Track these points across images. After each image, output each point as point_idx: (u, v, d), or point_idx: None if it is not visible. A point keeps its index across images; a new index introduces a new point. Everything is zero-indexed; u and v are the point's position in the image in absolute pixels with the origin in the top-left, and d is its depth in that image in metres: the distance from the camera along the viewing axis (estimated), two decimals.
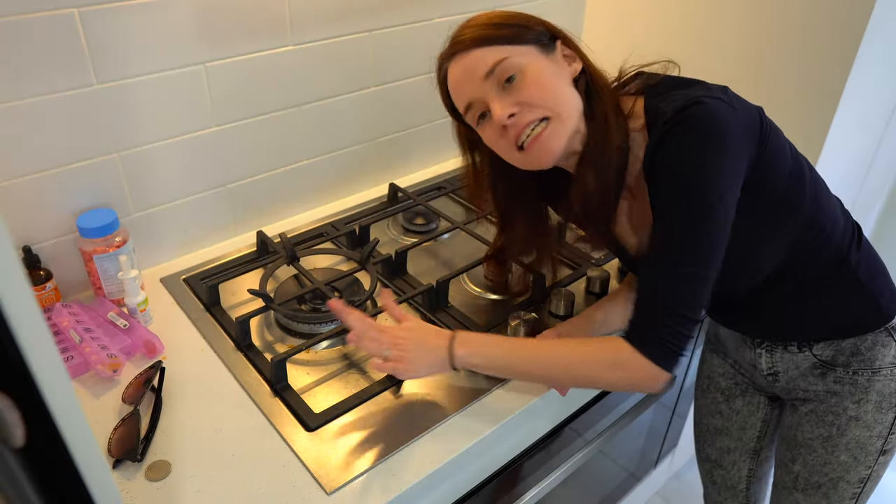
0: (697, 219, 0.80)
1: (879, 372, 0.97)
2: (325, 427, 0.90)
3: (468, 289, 1.20)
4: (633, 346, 0.83)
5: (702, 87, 0.85)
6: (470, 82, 0.87)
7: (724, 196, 0.81)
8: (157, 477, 0.83)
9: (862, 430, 0.99)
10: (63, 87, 0.99)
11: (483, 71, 0.86)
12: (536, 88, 0.85)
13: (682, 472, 1.94)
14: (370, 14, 1.29)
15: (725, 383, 1.20)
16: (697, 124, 0.79)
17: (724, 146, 0.79)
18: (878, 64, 1.32)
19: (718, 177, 0.80)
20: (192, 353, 1.03)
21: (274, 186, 1.32)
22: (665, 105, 0.83)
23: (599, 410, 1.17)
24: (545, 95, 0.86)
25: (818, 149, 1.32)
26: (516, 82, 0.85)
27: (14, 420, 0.39)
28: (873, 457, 1.01)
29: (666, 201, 0.83)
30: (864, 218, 1.85)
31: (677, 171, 0.81)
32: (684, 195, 0.81)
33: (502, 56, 0.85)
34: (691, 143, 0.79)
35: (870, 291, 0.96)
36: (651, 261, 0.86)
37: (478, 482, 0.97)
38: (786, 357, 1.03)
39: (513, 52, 0.85)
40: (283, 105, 1.25)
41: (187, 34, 1.08)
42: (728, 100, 0.82)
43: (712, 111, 0.79)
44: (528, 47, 0.86)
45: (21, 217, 1.03)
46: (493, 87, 0.86)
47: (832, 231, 0.93)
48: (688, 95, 0.81)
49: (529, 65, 0.86)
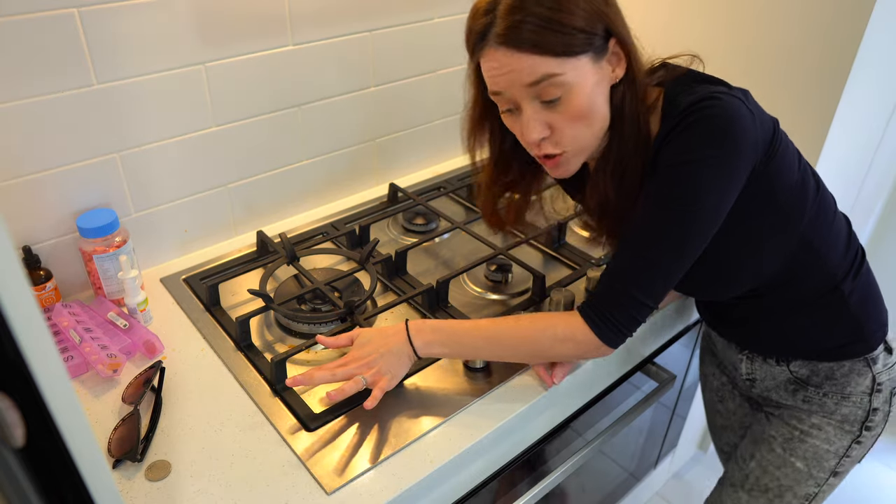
0: (685, 215, 0.80)
1: (849, 398, 0.99)
2: (325, 427, 0.90)
3: (468, 289, 1.20)
4: (587, 323, 0.85)
5: (724, 86, 0.83)
6: (508, 79, 0.79)
7: (718, 198, 0.80)
8: (157, 477, 0.83)
9: (822, 441, 1.01)
10: (63, 87, 0.99)
11: (527, 81, 0.78)
12: (575, 117, 0.80)
13: (682, 472, 1.94)
14: (370, 14, 1.29)
15: (716, 383, 1.22)
16: (710, 118, 0.77)
17: (731, 147, 0.78)
18: (878, 64, 1.32)
19: (718, 177, 0.79)
20: (192, 353, 1.03)
21: (274, 186, 1.32)
22: (683, 97, 0.80)
23: (599, 410, 1.17)
24: (579, 128, 0.81)
25: (818, 149, 1.32)
26: (558, 105, 0.80)
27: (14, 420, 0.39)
28: (825, 474, 1.03)
29: (660, 184, 0.81)
30: (864, 218, 1.85)
31: (679, 161, 0.79)
32: (679, 187, 0.79)
33: (553, 72, 0.76)
34: (700, 135, 0.78)
35: (857, 322, 0.96)
36: (628, 241, 0.85)
37: (478, 482, 0.97)
38: (764, 367, 1.04)
39: (565, 68, 0.76)
40: (283, 105, 1.25)
41: (187, 34, 1.08)
42: (747, 102, 0.80)
43: (728, 109, 0.77)
44: (581, 59, 0.77)
45: (21, 217, 1.03)
46: (531, 96, 0.80)
47: (827, 257, 0.92)
48: (707, 90, 0.80)
49: (576, 86, 0.78)
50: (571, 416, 1.10)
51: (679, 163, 0.79)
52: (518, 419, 0.95)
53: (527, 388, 0.97)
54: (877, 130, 1.54)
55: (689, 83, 0.84)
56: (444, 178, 1.55)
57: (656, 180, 0.82)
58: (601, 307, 0.85)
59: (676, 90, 0.83)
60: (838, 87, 1.26)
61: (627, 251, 0.85)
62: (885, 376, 0.99)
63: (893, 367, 0.99)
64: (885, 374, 0.99)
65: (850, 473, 1.10)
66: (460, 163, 1.61)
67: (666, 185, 0.81)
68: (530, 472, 1.09)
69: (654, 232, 0.82)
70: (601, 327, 0.85)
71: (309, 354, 1.04)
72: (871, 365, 0.97)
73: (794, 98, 1.32)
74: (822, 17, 1.24)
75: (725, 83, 0.85)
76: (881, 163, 1.68)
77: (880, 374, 0.98)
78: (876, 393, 0.98)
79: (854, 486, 1.92)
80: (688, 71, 0.87)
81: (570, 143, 0.83)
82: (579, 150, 0.85)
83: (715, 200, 0.80)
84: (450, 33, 1.43)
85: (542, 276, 1.15)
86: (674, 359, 1.32)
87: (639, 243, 0.83)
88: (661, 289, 0.84)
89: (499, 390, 0.97)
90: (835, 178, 1.47)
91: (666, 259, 0.82)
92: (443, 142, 1.58)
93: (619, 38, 0.80)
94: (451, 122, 1.57)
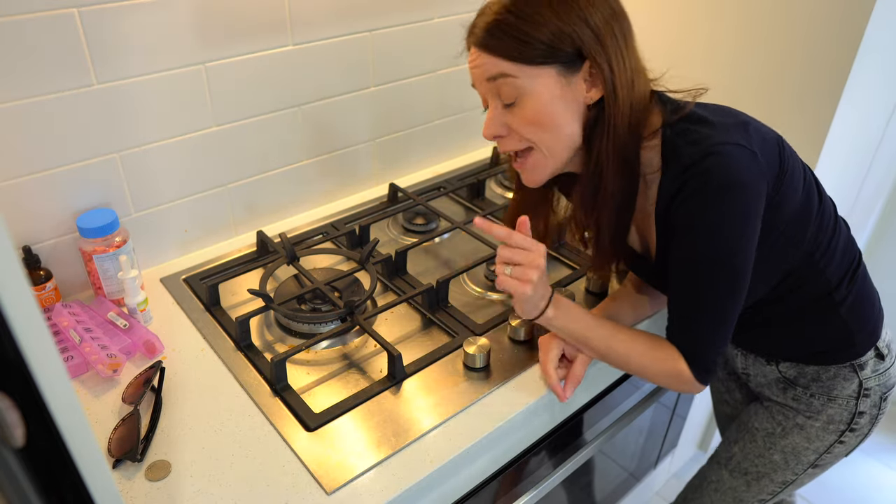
0: (726, 271, 0.83)
1: (835, 400, 1.01)
2: (325, 427, 0.90)
3: (468, 289, 1.20)
4: (691, 370, 0.89)
5: (721, 130, 0.81)
6: (476, 74, 0.85)
7: (748, 242, 0.82)
8: (157, 477, 0.83)
9: (802, 439, 1.05)
10: (63, 87, 0.99)
11: (486, 75, 0.83)
12: (529, 122, 0.83)
13: (682, 472, 1.94)
14: (370, 14, 1.29)
15: (721, 374, 1.26)
16: (715, 178, 0.78)
17: (742, 197, 0.79)
18: (878, 64, 1.32)
19: (740, 228, 0.80)
20: (192, 353, 1.03)
21: (274, 186, 1.32)
22: (682, 144, 0.81)
23: (599, 410, 1.17)
24: (535, 132, 0.84)
25: (818, 149, 1.32)
26: (514, 106, 0.83)
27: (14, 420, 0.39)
28: (802, 466, 1.08)
29: (691, 248, 0.83)
30: (864, 218, 1.85)
31: (701, 228, 0.81)
32: (711, 249, 0.82)
33: (507, 73, 0.81)
34: (711, 200, 0.79)
35: (847, 329, 0.97)
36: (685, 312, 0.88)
37: (478, 482, 0.97)
38: (757, 364, 1.08)
39: (522, 73, 0.80)
40: (283, 105, 1.25)
41: (187, 34, 1.08)
42: (748, 143, 0.80)
43: (730, 162, 0.78)
44: (542, 69, 0.80)
45: (21, 217, 1.03)
46: (493, 94, 0.85)
47: (826, 266, 0.94)
48: (707, 140, 0.80)
49: (533, 94, 0.81)
50: (571, 416, 1.10)
51: (701, 229, 0.81)
52: (518, 419, 0.95)
53: (526, 388, 0.98)
54: (877, 130, 1.54)
55: (685, 123, 0.84)
56: (444, 178, 1.55)
57: (685, 244, 0.84)
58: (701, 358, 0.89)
59: (674, 130, 0.83)
60: (838, 87, 1.26)
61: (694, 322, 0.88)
62: (873, 382, 1.00)
63: (884, 372, 1.00)
64: (873, 380, 0.99)
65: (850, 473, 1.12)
66: (460, 163, 1.61)
67: (698, 251, 0.83)
68: (530, 472, 1.09)
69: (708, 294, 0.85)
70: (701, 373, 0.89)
71: (309, 354, 1.04)
72: (857, 370, 0.99)
73: (794, 98, 1.32)
74: (822, 17, 1.24)
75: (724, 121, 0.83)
76: (881, 163, 1.68)
77: (868, 379, 0.99)
78: (863, 397, 1.00)
79: (854, 486, 1.92)
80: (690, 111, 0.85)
81: (530, 138, 0.85)
82: (549, 149, 0.85)
83: (746, 244, 0.82)
84: (450, 33, 1.43)
85: None
86: None
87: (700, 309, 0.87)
88: (731, 329, 0.88)
89: (499, 390, 0.97)
90: (835, 178, 1.47)
91: (727, 311, 0.86)
92: (443, 142, 1.58)
93: (595, 62, 0.80)
94: (451, 122, 1.57)
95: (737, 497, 1.15)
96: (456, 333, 1.07)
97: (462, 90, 1.53)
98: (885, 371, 1.00)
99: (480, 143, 1.66)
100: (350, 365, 1.02)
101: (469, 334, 1.06)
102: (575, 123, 0.84)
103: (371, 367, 1.02)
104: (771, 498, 1.14)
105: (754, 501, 1.15)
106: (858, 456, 2.00)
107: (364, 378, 1.00)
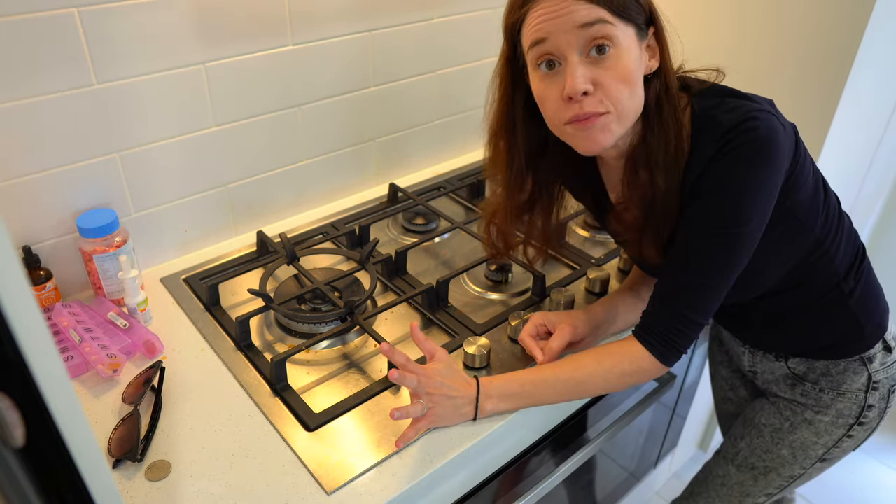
0: (730, 240, 0.82)
1: (845, 395, 1.01)
2: (325, 427, 0.90)
3: (468, 289, 1.20)
4: (650, 351, 0.88)
5: (756, 101, 0.83)
6: (557, 23, 0.77)
7: (761, 219, 0.82)
8: (157, 477, 0.83)
9: (811, 434, 1.05)
10: (63, 87, 0.99)
11: (580, 21, 0.76)
12: (621, 78, 0.78)
13: (682, 472, 1.94)
14: (370, 14, 1.29)
15: (726, 372, 1.26)
16: (755, 141, 0.78)
17: (774, 167, 0.79)
18: (878, 64, 1.32)
19: (762, 200, 0.80)
20: (192, 353, 1.03)
21: (274, 186, 1.32)
22: (719, 113, 0.81)
23: (599, 410, 1.17)
24: (623, 90, 0.79)
25: (818, 149, 1.32)
26: (606, 58, 0.77)
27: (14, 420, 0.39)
28: (811, 460, 1.07)
29: (706, 209, 0.82)
30: (864, 218, 1.85)
31: (727, 187, 0.80)
32: (726, 213, 0.81)
33: (607, 19, 0.76)
34: (748, 160, 0.78)
35: (856, 321, 0.97)
36: (674, 265, 0.87)
37: (478, 482, 0.97)
38: (764, 361, 1.08)
39: (617, 24, 0.77)
40: (283, 105, 1.25)
41: (187, 34, 1.08)
42: (778, 117, 0.81)
43: (770, 129, 0.78)
44: (629, 26, 0.79)
45: (21, 217, 1.03)
46: (579, 45, 0.77)
47: (835, 255, 0.93)
48: (744, 107, 0.80)
49: (626, 47, 0.78)
50: (571, 417, 1.10)
51: (727, 189, 0.80)
52: (518, 419, 0.95)
53: None
54: (877, 130, 1.54)
55: (717, 96, 0.84)
56: (444, 177, 1.54)
57: (702, 204, 0.82)
58: (661, 333, 0.87)
59: (706, 103, 0.83)
60: (838, 87, 1.26)
61: (678, 275, 0.86)
62: (881, 374, 1.00)
63: (892, 365, 1.00)
64: (882, 373, 1.00)
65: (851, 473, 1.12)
66: (460, 163, 1.61)
67: (713, 211, 0.82)
68: (530, 472, 1.09)
69: (703, 256, 0.84)
70: (664, 352, 0.88)
71: (309, 354, 1.04)
72: (866, 364, 0.99)
73: (795, 98, 1.32)
74: (822, 17, 1.24)
75: (751, 96, 0.84)
76: (881, 162, 1.68)
77: (877, 372, 0.99)
78: (872, 390, 1.00)
79: (854, 486, 1.92)
80: (712, 84, 0.86)
81: (616, 99, 0.79)
82: (622, 114, 0.80)
83: (759, 221, 0.82)
84: (449, 33, 1.43)
85: (542, 276, 1.15)
86: None
87: (688, 267, 0.85)
88: (713, 306, 0.87)
89: None
90: (835, 177, 1.47)
91: (714, 281, 0.84)
92: (443, 142, 1.58)
93: (658, 29, 0.82)
94: (451, 122, 1.57)
95: (744, 491, 1.16)
96: (456, 333, 1.07)
97: (462, 90, 1.53)
98: (893, 363, 1.00)
99: (480, 143, 1.65)
100: (350, 365, 1.02)
101: (469, 334, 1.06)
102: (642, 86, 0.82)
103: (371, 367, 1.02)
104: (778, 492, 1.14)
105: (761, 495, 1.15)
106: (858, 456, 2.00)
107: (364, 378, 1.00)
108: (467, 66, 1.51)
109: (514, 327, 1.05)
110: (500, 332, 1.08)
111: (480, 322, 1.10)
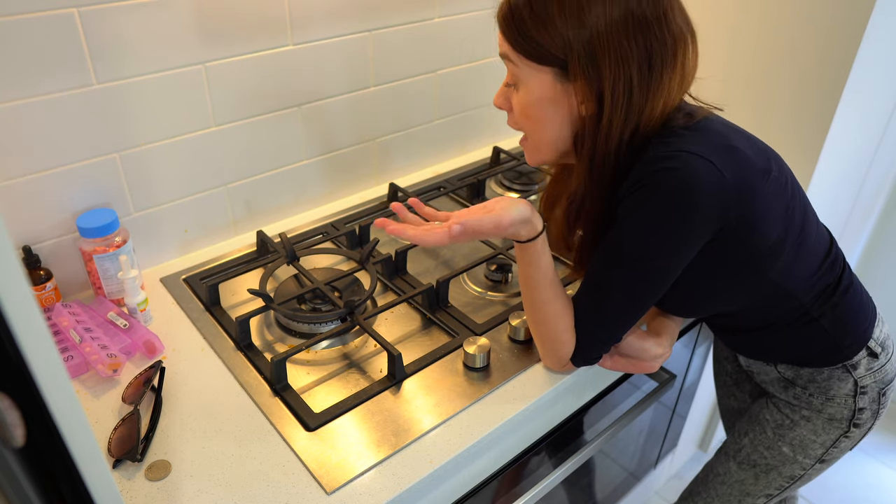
0: (635, 273, 0.84)
1: (833, 399, 1.02)
2: (325, 427, 0.90)
3: (468, 289, 1.20)
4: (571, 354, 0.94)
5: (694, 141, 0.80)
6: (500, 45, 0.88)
7: (668, 261, 0.83)
8: (157, 477, 0.83)
9: (809, 432, 1.05)
10: (63, 87, 0.99)
11: (499, 50, 0.88)
12: (521, 112, 0.88)
13: (682, 472, 1.94)
14: (370, 14, 1.29)
15: (730, 367, 1.27)
16: (667, 182, 0.78)
17: (683, 214, 0.79)
18: (878, 64, 1.32)
19: (670, 240, 0.81)
20: (192, 353, 1.03)
21: (274, 186, 1.32)
22: (652, 147, 0.82)
23: (599, 410, 1.17)
24: (526, 124, 0.89)
25: (818, 149, 1.32)
26: (514, 89, 0.88)
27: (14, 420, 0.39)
28: (810, 460, 1.08)
29: (616, 237, 0.85)
30: (863, 219, 1.85)
31: (634, 220, 0.82)
32: (631, 246, 0.83)
33: (510, 58, 0.85)
34: (654, 198, 0.80)
35: (830, 338, 0.97)
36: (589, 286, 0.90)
37: (478, 482, 0.97)
38: (758, 364, 1.09)
39: (522, 64, 0.84)
40: (283, 105, 1.25)
41: (187, 34, 1.08)
42: (719, 163, 0.78)
43: (688, 173, 0.77)
44: (541, 68, 0.82)
45: (21, 217, 1.03)
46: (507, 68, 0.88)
47: (796, 294, 0.93)
48: (673, 146, 0.79)
49: (527, 87, 0.85)
50: (571, 416, 1.10)
51: (633, 221, 0.82)
52: (518, 419, 0.95)
53: (527, 388, 0.98)
54: (877, 130, 1.54)
55: (669, 135, 0.83)
56: (444, 178, 1.54)
57: (614, 231, 0.85)
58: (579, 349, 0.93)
59: (657, 140, 0.83)
60: (838, 87, 1.26)
61: (588, 299, 0.91)
62: (868, 379, 0.99)
63: (879, 369, 1.00)
64: (868, 378, 0.99)
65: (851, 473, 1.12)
66: (460, 163, 1.61)
67: (621, 240, 0.84)
68: (530, 472, 1.09)
69: (609, 285, 0.88)
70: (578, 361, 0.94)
71: (309, 354, 1.04)
72: (850, 370, 0.99)
73: (794, 98, 1.32)
74: (822, 17, 1.24)
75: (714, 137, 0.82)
76: (881, 163, 1.68)
77: (863, 377, 0.99)
78: (860, 395, 1.00)
79: (854, 486, 1.92)
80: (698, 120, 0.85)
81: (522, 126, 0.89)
82: (537, 144, 0.90)
83: (665, 262, 0.83)
84: (450, 33, 1.43)
85: None
86: (674, 358, 1.32)
87: (598, 293, 0.89)
88: (622, 330, 0.91)
89: (499, 390, 0.97)
90: (835, 178, 1.47)
91: (622, 310, 0.88)
92: (443, 142, 1.58)
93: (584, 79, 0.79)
94: (451, 122, 1.57)
95: (744, 490, 1.16)
96: (456, 333, 1.07)
97: (462, 90, 1.53)
98: (880, 368, 1.00)
99: (480, 143, 1.66)
100: (350, 365, 1.02)
101: (469, 334, 1.07)
102: (564, 129, 0.86)
103: (371, 367, 1.02)
104: (778, 493, 1.14)
105: (761, 496, 1.15)
106: (858, 456, 2.00)
107: (364, 378, 1.00)
108: (467, 66, 1.51)
109: (514, 327, 1.05)
110: (500, 332, 1.08)
111: (480, 322, 1.10)
